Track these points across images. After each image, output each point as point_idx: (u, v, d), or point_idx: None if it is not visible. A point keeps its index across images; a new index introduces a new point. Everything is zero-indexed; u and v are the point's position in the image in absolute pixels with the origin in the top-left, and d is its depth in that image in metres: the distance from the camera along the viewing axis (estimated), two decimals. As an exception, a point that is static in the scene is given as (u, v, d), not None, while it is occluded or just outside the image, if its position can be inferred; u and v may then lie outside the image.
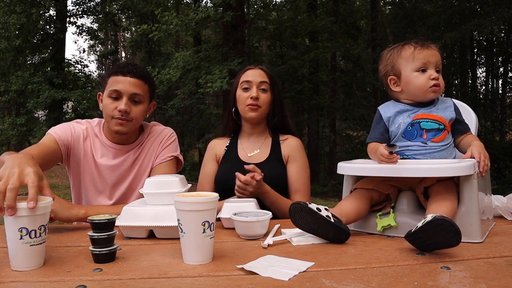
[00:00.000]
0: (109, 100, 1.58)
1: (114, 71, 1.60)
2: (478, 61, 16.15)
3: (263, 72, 1.79)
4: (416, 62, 1.33)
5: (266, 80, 1.77)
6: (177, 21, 8.81)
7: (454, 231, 0.98)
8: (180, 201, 0.98)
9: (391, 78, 1.39)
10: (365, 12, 16.38)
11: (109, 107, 1.58)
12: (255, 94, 1.73)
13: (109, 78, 1.60)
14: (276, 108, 1.80)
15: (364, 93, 16.70)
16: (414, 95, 1.36)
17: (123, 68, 1.59)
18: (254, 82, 1.75)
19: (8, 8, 13.44)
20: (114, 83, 1.58)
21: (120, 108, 1.55)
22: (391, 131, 1.37)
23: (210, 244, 1.00)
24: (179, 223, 0.99)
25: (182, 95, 10.85)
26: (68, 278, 0.89)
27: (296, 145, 1.81)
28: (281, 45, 14.70)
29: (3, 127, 15.58)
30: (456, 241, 1.00)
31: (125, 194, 1.69)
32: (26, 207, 0.94)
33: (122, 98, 1.57)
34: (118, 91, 1.57)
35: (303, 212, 1.15)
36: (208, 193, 1.05)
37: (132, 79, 1.58)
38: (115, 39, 22.17)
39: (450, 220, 0.99)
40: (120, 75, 1.58)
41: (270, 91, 1.78)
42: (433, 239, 1.01)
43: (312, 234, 1.18)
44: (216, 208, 1.01)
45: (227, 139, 1.90)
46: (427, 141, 1.30)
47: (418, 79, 1.33)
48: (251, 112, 1.75)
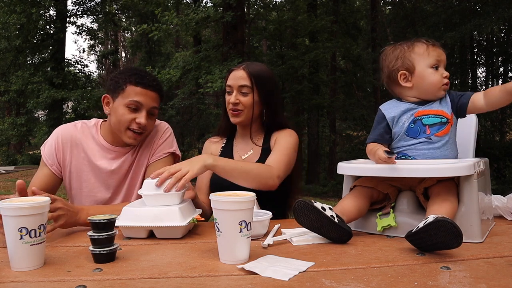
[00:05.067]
0: (126, 110, 1.54)
1: (135, 81, 1.55)
2: (478, 61, 16.15)
3: (245, 73, 1.69)
4: (431, 58, 1.32)
5: (246, 83, 1.67)
6: (177, 21, 8.82)
7: (456, 233, 0.98)
8: (217, 200, 0.99)
9: (401, 73, 1.36)
10: (365, 12, 16.38)
11: (126, 118, 1.54)
12: (233, 100, 1.67)
13: (127, 87, 1.55)
14: (267, 107, 1.73)
15: (364, 93, 16.71)
16: (425, 91, 1.33)
17: (143, 80, 1.55)
18: (234, 86, 1.68)
19: (8, 8, 13.46)
20: (134, 94, 1.54)
21: (141, 121, 1.54)
22: (394, 131, 1.36)
23: (246, 244, 1.00)
24: (216, 223, 1.00)
25: (182, 95, 10.86)
26: (68, 278, 0.89)
27: (282, 133, 1.73)
28: (281, 45, 14.69)
29: (3, 127, 15.60)
30: (457, 243, 0.99)
31: (126, 196, 1.67)
32: (26, 207, 0.94)
33: (141, 111, 1.55)
34: (140, 103, 1.54)
35: (307, 211, 1.14)
36: (245, 192, 1.05)
37: (153, 93, 1.57)
38: (115, 39, 22.19)
39: (452, 221, 0.98)
40: (140, 87, 1.54)
41: (253, 92, 1.68)
42: (434, 240, 1.01)
43: (313, 233, 1.18)
44: (253, 207, 1.01)
45: (223, 139, 1.87)
46: (431, 136, 1.29)
47: (433, 75, 1.31)
48: (233, 117, 1.71)
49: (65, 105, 16.18)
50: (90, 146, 1.65)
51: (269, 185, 1.49)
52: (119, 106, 1.55)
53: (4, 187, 10.53)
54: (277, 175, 1.52)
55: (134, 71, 1.59)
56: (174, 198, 1.26)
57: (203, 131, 13.58)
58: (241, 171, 1.45)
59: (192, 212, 1.32)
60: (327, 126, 15.70)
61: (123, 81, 1.56)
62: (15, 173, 13.60)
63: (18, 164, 16.56)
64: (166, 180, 1.27)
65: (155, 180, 1.28)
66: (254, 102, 1.68)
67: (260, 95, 1.69)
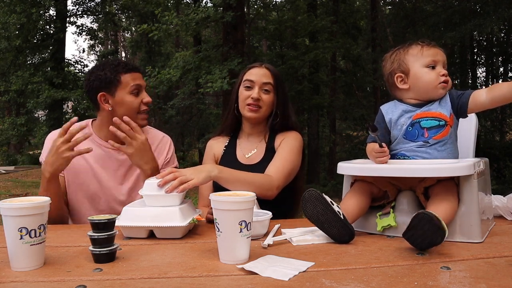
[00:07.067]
0: (132, 96, 1.62)
1: (125, 69, 1.61)
2: (478, 61, 16.13)
3: (268, 71, 1.75)
4: (425, 58, 1.32)
5: (270, 81, 1.73)
6: (177, 21, 8.80)
7: (436, 225, 0.99)
8: (217, 200, 0.99)
9: (398, 76, 1.37)
10: (365, 12, 16.36)
11: (135, 103, 1.62)
12: (256, 95, 1.70)
13: (121, 77, 1.60)
14: (279, 109, 1.76)
15: (364, 93, 16.69)
16: (422, 92, 1.33)
17: (127, 65, 1.63)
18: (257, 82, 1.72)
19: (8, 8, 13.44)
20: (132, 80, 1.62)
21: (148, 100, 1.64)
22: (393, 134, 1.36)
23: (246, 244, 1.00)
24: (216, 223, 1.00)
25: (182, 95, 10.84)
26: (68, 278, 0.89)
27: (288, 135, 1.76)
28: (281, 45, 14.68)
29: (3, 127, 15.60)
30: (440, 236, 1.00)
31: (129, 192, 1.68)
32: (26, 207, 0.94)
33: (142, 91, 1.65)
34: (139, 85, 1.63)
35: (316, 201, 1.14)
36: (245, 192, 1.06)
37: (139, 73, 1.67)
38: (115, 39, 22.18)
39: (430, 213, 0.99)
40: (131, 72, 1.62)
41: (273, 92, 1.74)
42: (423, 235, 1.01)
43: (314, 228, 1.18)
44: (253, 207, 1.02)
45: (226, 138, 1.87)
46: (429, 139, 1.29)
47: (428, 74, 1.31)
48: (250, 112, 1.72)
49: (65, 105, 16.17)
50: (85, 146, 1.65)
51: (268, 195, 1.54)
52: (124, 97, 1.60)
53: (4, 187, 10.53)
54: (277, 186, 1.57)
55: (113, 62, 1.65)
56: (175, 199, 1.27)
57: (203, 131, 13.56)
58: (244, 183, 1.48)
59: (192, 212, 1.32)
60: (327, 126, 15.69)
61: (113, 75, 1.59)
62: (15, 173, 13.60)
63: (18, 164, 16.56)
64: (169, 181, 1.28)
65: (156, 181, 1.28)
66: (274, 101, 1.75)
67: (278, 95, 1.75)
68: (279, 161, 1.66)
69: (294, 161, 1.70)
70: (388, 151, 1.28)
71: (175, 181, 1.28)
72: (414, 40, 1.39)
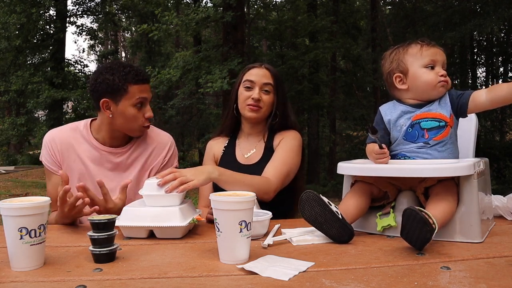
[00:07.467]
0: (135, 109, 1.58)
1: (135, 80, 1.55)
2: (478, 61, 16.12)
3: (268, 72, 1.75)
4: (424, 58, 1.32)
5: (270, 81, 1.74)
6: (177, 21, 8.80)
7: (423, 220, 0.99)
8: (217, 200, 0.99)
9: (396, 76, 1.36)
10: (365, 12, 16.36)
11: (137, 117, 1.59)
12: (256, 96, 1.70)
13: (128, 88, 1.55)
14: (279, 109, 1.77)
15: (364, 93, 16.68)
16: (421, 92, 1.33)
17: (139, 76, 1.57)
18: (258, 82, 1.72)
19: (8, 8, 13.45)
20: (139, 92, 1.56)
21: (150, 115, 1.61)
22: (392, 135, 1.36)
23: (246, 244, 1.00)
24: (216, 223, 1.00)
25: (182, 95, 10.84)
26: (68, 278, 0.89)
27: (287, 135, 1.76)
28: (281, 45, 14.68)
29: (3, 127, 15.61)
30: (429, 232, 1.00)
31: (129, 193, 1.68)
32: (26, 207, 0.94)
33: (146, 105, 1.61)
34: (145, 98, 1.59)
35: (314, 202, 1.14)
36: (245, 192, 1.06)
37: (148, 85, 1.63)
38: (115, 39, 22.20)
39: (415, 208, 1.00)
40: (140, 84, 1.58)
41: (273, 92, 1.75)
42: (417, 232, 1.01)
43: (314, 228, 1.18)
44: (253, 207, 1.02)
45: (225, 139, 1.88)
46: (429, 140, 1.29)
47: (427, 74, 1.31)
48: (250, 112, 1.72)
49: (65, 105, 16.18)
50: (81, 148, 1.65)
51: (265, 198, 1.55)
52: (126, 108, 1.57)
53: (4, 187, 10.53)
54: (274, 189, 1.58)
55: (126, 69, 1.57)
56: (175, 199, 1.27)
57: (203, 131, 13.56)
58: (243, 185, 1.48)
59: (192, 212, 1.32)
60: (327, 126, 15.69)
61: (121, 83, 1.54)
62: (15, 173, 13.60)
63: (18, 164, 16.57)
64: (170, 181, 1.28)
65: (156, 181, 1.28)
66: (274, 101, 1.75)
67: (278, 96, 1.76)
68: (277, 162, 1.66)
69: (293, 161, 1.70)
70: (388, 152, 1.27)
71: (175, 181, 1.29)
72: (414, 39, 1.39)
